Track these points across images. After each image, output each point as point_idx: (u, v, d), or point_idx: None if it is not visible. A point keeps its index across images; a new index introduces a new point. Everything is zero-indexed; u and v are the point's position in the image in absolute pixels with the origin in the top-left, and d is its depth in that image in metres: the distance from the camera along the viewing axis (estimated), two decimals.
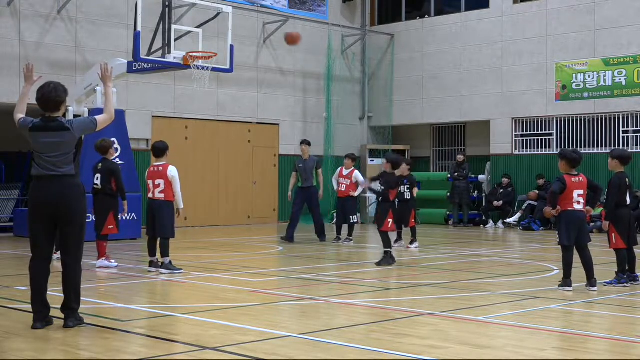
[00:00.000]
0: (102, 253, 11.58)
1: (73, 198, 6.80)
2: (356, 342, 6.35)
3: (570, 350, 6.20)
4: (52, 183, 6.76)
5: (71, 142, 6.84)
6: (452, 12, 23.89)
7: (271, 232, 19.56)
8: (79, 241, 6.90)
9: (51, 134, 6.78)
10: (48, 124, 6.82)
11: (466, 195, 21.83)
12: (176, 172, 11.06)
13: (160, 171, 10.97)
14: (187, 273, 10.89)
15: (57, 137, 6.76)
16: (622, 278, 9.69)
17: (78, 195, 6.87)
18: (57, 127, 6.80)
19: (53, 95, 6.85)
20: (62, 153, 6.77)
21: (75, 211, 6.82)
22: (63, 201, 6.76)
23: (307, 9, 23.63)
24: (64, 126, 6.81)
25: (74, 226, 6.83)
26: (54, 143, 6.75)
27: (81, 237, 6.94)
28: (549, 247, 15.44)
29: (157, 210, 10.95)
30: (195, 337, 6.56)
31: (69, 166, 6.82)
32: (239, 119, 21.97)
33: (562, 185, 9.25)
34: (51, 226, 6.83)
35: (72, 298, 6.84)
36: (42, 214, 6.79)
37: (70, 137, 6.81)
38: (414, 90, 24.19)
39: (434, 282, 10.15)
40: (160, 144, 11.19)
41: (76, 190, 6.85)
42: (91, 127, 7.00)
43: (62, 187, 6.76)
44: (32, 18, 18.09)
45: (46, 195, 6.76)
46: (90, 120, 7.03)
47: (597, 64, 20.63)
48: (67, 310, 6.83)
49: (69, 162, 6.82)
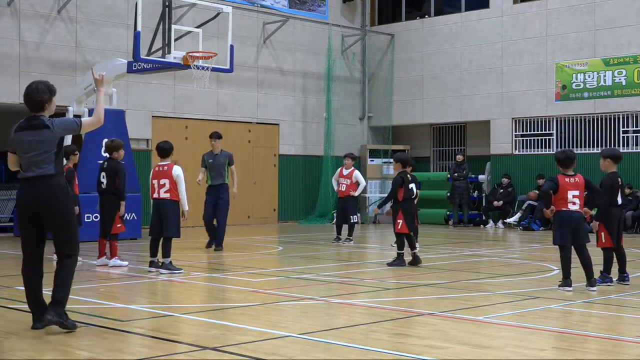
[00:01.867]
0: (114, 253, 11.65)
1: (54, 198, 6.66)
2: (356, 342, 6.35)
3: (570, 350, 6.20)
4: (34, 184, 6.65)
5: (51, 140, 6.67)
6: (452, 12, 23.89)
7: (271, 232, 19.57)
8: (70, 240, 6.75)
9: (31, 132, 6.67)
10: (30, 123, 6.72)
11: (466, 195, 21.84)
12: (181, 171, 11.04)
13: (166, 171, 10.97)
14: (187, 273, 10.90)
15: (37, 136, 6.65)
16: (607, 277, 9.72)
17: (59, 195, 6.69)
18: (37, 125, 6.68)
19: (34, 95, 6.73)
20: (42, 152, 6.63)
21: (59, 211, 6.67)
22: (45, 202, 6.64)
23: (307, 9, 23.64)
24: (44, 124, 6.67)
25: (61, 226, 6.70)
26: (33, 141, 6.64)
27: (72, 236, 6.79)
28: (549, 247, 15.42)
29: (163, 210, 10.92)
30: (195, 337, 6.57)
31: (49, 165, 6.66)
32: (239, 119, 21.97)
33: (554, 184, 9.24)
34: (38, 227, 6.73)
35: (60, 295, 6.63)
36: (27, 215, 6.71)
37: (49, 135, 6.66)
38: (414, 90, 24.19)
39: (434, 282, 10.15)
40: (165, 144, 11.19)
41: (56, 190, 6.68)
42: (74, 127, 6.87)
43: (43, 188, 6.64)
44: (32, 18, 18.09)
45: (29, 197, 6.68)
46: (74, 121, 6.90)
47: (597, 64, 20.63)
48: (52, 303, 6.62)
49: (49, 161, 6.66)
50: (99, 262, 11.85)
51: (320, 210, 23.01)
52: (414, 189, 11.91)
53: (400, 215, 11.82)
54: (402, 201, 11.85)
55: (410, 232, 11.90)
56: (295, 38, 23.22)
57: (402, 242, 11.91)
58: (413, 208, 11.97)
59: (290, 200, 23.17)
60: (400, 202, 11.86)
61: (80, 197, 13.11)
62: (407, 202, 11.86)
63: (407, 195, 11.82)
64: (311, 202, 23.37)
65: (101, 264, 11.76)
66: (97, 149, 16.13)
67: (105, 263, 11.73)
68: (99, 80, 7.26)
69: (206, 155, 14.54)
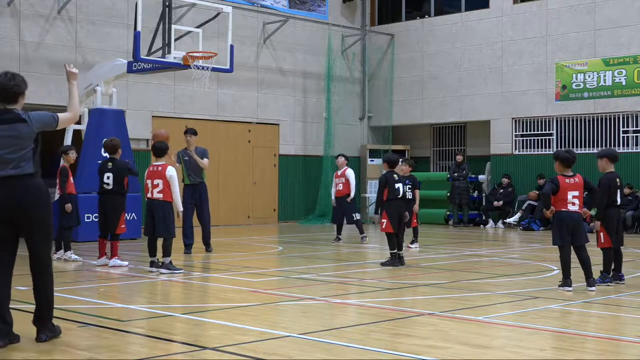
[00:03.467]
0: (114, 252, 11.67)
1: (33, 200, 6.10)
2: (356, 342, 6.35)
3: (569, 350, 6.20)
4: (8, 184, 6.04)
5: (28, 136, 6.10)
6: (452, 12, 23.89)
7: (271, 232, 19.57)
8: (45, 246, 6.25)
9: (5, 127, 6.05)
10: (3, 116, 6.08)
11: (466, 195, 21.84)
12: (175, 172, 11.07)
13: (159, 171, 10.98)
14: (187, 273, 10.90)
15: (13, 130, 6.05)
16: (607, 277, 9.73)
17: (39, 196, 6.15)
18: (13, 119, 6.08)
19: (10, 85, 6.14)
20: (18, 148, 6.05)
21: (37, 214, 6.14)
22: (22, 204, 6.07)
23: (307, 9, 23.63)
24: (20, 118, 6.09)
25: (38, 230, 6.18)
26: (8, 137, 6.04)
27: (48, 242, 6.30)
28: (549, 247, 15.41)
29: (155, 211, 10.96)
30: (195, 337, 6.57)
31: (27, 163, 6.09)
32: (239, 119, 21.97)
33: (554, 186, 9.25)
34: (11, 232, 6.18)
35: (44, 307, 6.23)
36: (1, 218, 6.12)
37: (27, 130, 6.09)
38: (414, 90, 24.19)
39: (434, 282, 10.15)
40: (160, 144, 11.20)
41: (36, 191, 6.13)
42: (51, 123, 6.28)
43: (20, 189, 6.07)
44: (32, 18, 18.08)
45: (4, 199, 6.04)
46: (51, 116, 6.31)
47: (597, 64, 20.63)
48: (39, 322, 6.25)
49: (26, 159, 6.09)
50: (99, 262, 11.85)
51: (320, 210, 23.00)
52: (400, 188, 11.95)
53: (384, 215, 11.88)
54: (387, 201, 11.88)
55: (396, 232, 11.92)
56: (295, 38, 23.22)
57: (392, 241, 11.95)
58: (400, 207, 11.97)
59: (290, 200, 23.17)
60: (385, 201, 11.90)
61: (79, 197, 13.14)
62: (392, 202, 11.87)
63: (392, 195, 11.85)
64: (311, 202, 23.37)
65: (101, 264, 11.76)
66: (97, 149, 16.12)
67: (105, 263, 11.74)
68: (73, 74, 6.69)
69: (181, 152, 13.73)
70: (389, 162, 12.17)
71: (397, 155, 13.45)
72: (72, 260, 12.21)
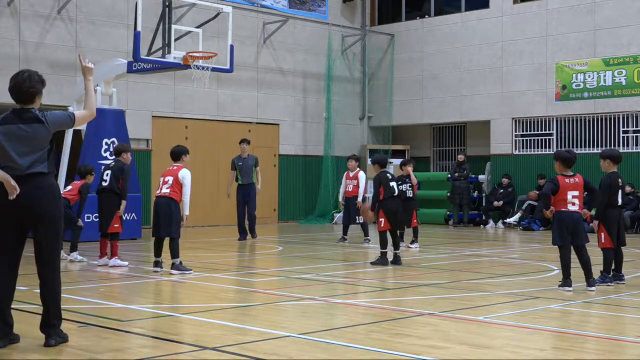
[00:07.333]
0: (114, 252, 11.66)
1: (45, 200, 6.01)
2: (356, 342, 6.35)
3: (569, 350, 6.20)
4: (21, 184, 5.93)
5: (45, 136, 6.05)
6: (452, 12, 23.89)
7: (271, 232, 19.56)
8: (55, 249, 6.16)
9: (23, 126, 6.00)
10: (20, 116, 6.04)
11: (466, 195, 21.83)
12: (189, 175, 10.94)
13: (173, 170, 10.96)
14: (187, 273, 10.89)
15: (30, 131, 6.00)
16: (607, 277, 9.73)
17: (51, 196, 6.07)
18: (30, 119, 6.02)
19: (26, 85, 6.09)
20: (35, 149, 6.00)
21: (49, 215, 6.03)
22: (34, 204, 5.97)
23: (307, 9, 23.63)
24: (37, 118, 6.03)
25: (48, 232, 6.06)
26: (26, 137, 5.99)
27: (57, 245, 6.20)
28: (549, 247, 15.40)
29: (161, 209, 10.88)
30: (195, 337, 6.57)
31: (42, 164, 6.03)
32: (239, 119, 21.97)
33: (554, 186, 9.26)
34: (18, 234, 6.10)
35: (52, 313, 6.11)
36: (9, 218, 6.02)
37: (44, 131, 6.03)
38: (414, 90, 24.19)
39: (434, 282, 10.15)
40: (175, 148, 11.27)
41: (49, 191, 6.05)
42: (68, 122, 6.23)
43: (32, 188, 5.96)
44: (32, 18, 18.09)
45: (16, 197, 5.92)
46: (67, 115, 6.25)
47: (597, 64, 20.63)
48: (48, 327, 6.12)
49: (41, 160, 6.03)
50: (100, 262, 11.85)
51: (320, 210, 23.01)
52: (394, 187, 12.03)
53: (381, 214, 11.96)
54: (383, 200, 11.97)
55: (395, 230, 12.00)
56: (295, 38, 23.22)
57: (384, 240, 11.97)
58: (396, 206, 12.07)
59: (290, 200, 23.16)
60: (381, 200, 11.97)
61: None
62: (388, 201, 11.95)
63: (388, 193, 11.93)
64: (311, 202, 23.38)
65: (102, 264, 11.76)
66: (97, 149, 16.15)
67: (106, 263, 11.74)
68: (89, 69, 6.46)
69: (235, 158, 16.70)
70: (379, 162, 12.34)
71: (385, 155, 13.56)
72: (78, 261, 12.19)
